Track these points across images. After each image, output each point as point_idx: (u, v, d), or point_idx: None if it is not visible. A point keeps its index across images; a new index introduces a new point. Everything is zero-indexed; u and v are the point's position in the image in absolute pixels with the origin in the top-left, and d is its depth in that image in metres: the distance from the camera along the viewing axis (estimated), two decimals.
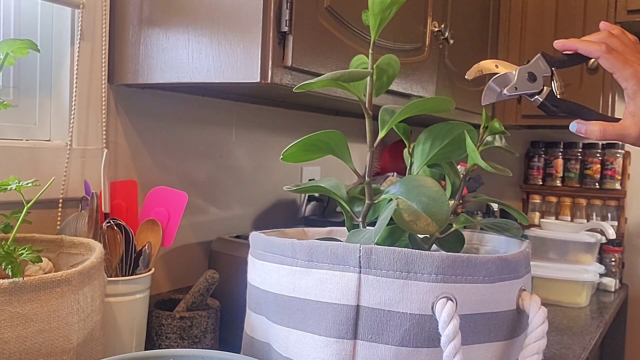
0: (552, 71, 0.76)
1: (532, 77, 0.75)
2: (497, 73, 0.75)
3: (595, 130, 0.76)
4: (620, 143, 2.13)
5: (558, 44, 0.77)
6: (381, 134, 0.69)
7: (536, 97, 0.75)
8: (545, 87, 0.75)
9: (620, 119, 0.76)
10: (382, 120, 0.70)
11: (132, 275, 0.88)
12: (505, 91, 0.74)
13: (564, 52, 0.78)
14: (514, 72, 0.75)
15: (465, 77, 0.76)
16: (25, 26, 0.99)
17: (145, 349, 0.91)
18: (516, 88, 0.74)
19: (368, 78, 0.66)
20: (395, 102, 1.21)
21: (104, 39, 1.02)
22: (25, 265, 0.73)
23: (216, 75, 0.92)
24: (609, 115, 1.83)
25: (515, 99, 0.72)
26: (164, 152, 1.19)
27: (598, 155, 2.14)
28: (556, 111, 0.75)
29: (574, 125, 0.77)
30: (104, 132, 1.04)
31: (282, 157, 0.66)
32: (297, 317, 0.62)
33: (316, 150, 0.67)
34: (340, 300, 0.58)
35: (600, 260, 1.88)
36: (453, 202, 0.74)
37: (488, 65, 0.77)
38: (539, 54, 0.76)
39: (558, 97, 0.75)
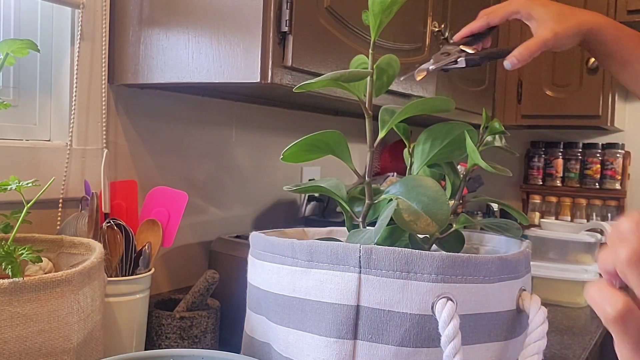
0: (459, 45, 0.94)
1: (445, 54, 0.93)
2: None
3: (522, 51, 0.88)
4: (620, 143, 2.13)
5: (456, 38, 0.96)
6: (381, 134, 0.69)
7: (458, 61, 0.92)
8: (462, 54, 0.92)
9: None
10: (382, 120, 0.70)
11: (132, 275, 0.88)
12: (430, 67, 0.92)
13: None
14: (432, 57, 0.95)
15: (417, 80, 0.93)
16: (25, 26, 0.99)
17: (145, 349, 0.91)
18: (437, 62, 0.92)
19: (368, 78, 0.66)
20: (395, 102, 1.20)
21: (104, 39, 1.02)
22: (25, 265, 0.73)
23: (216, 75, 0.92)
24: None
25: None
26: (164, 152, 1.19)
27: (598, 155, 2.14)
28: (480, 61, 0.92)
29: (507, 64, 0.90)
30: (104, 132, 1.04)
31: (282, 157, 0.66)
32: (297, 317, 0.61)
33: (316, 150, 0.67)
34: (340, 300, 0.58)
35: None
36: (453, 202, 0.74)
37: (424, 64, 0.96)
38: (442, 45, 0.98)
39: (476, 56, 0.92)
